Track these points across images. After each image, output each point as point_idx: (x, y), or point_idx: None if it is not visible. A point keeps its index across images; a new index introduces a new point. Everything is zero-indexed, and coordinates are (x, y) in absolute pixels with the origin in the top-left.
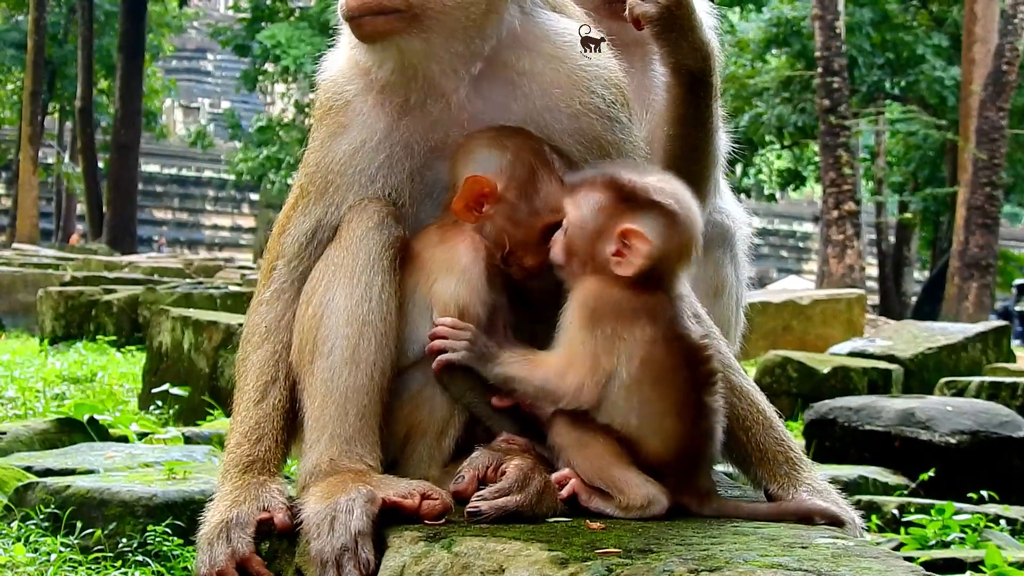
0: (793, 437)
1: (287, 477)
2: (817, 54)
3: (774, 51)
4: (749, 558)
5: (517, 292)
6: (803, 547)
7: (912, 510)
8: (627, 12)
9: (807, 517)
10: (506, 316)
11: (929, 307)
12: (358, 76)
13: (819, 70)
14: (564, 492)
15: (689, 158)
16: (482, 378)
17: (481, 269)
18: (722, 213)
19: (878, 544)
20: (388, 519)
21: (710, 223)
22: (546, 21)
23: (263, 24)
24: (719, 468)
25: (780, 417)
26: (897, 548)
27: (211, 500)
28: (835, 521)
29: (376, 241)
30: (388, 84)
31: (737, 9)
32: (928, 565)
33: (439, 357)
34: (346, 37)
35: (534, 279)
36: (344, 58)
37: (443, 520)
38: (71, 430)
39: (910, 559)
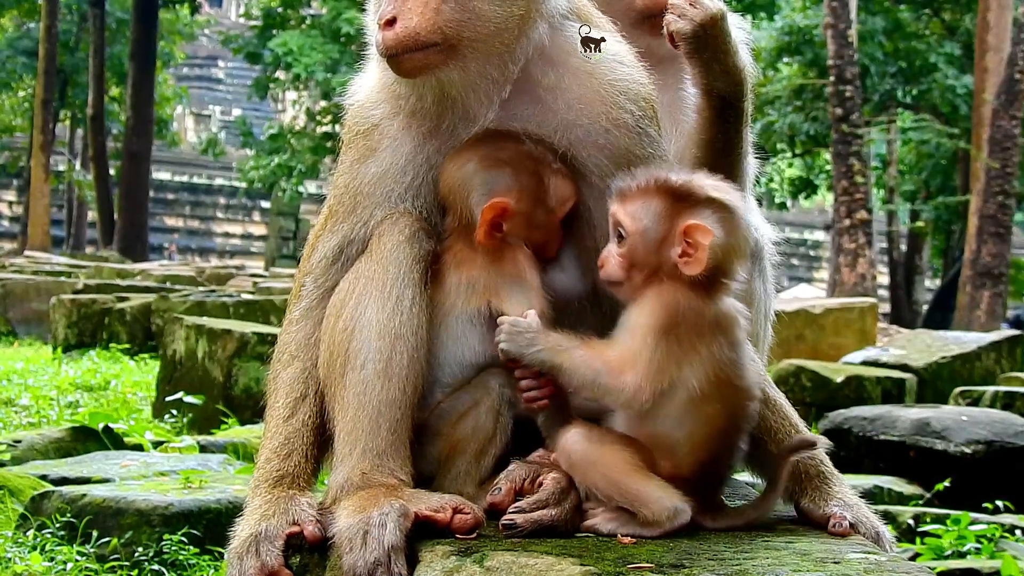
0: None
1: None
2: (829, 62)
3: (786, 59)
4: (782, 573)
5: None
6: (835, 562)
7: (928, 520)
8: (664, 27)
9: (787, 460)
10: None
11: (940, 316)
12: (386, 100)
13: (831, 78)
14: (585, 524)
15: None
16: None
17: (539, 276)
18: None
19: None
20: (420, 533)
21: None
22: (574, 34)
23: (274, 32)
24: (745, 479)
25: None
26: (913, 558)
27: (240, 515)
28: (808, 444)
29: (407, 254)
30: (420, 110)
31: (749, 18)
32: (945, 575)
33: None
34: (375, 61)
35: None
36: (373, 82)
37: (475, 534)
38: (86, 438)
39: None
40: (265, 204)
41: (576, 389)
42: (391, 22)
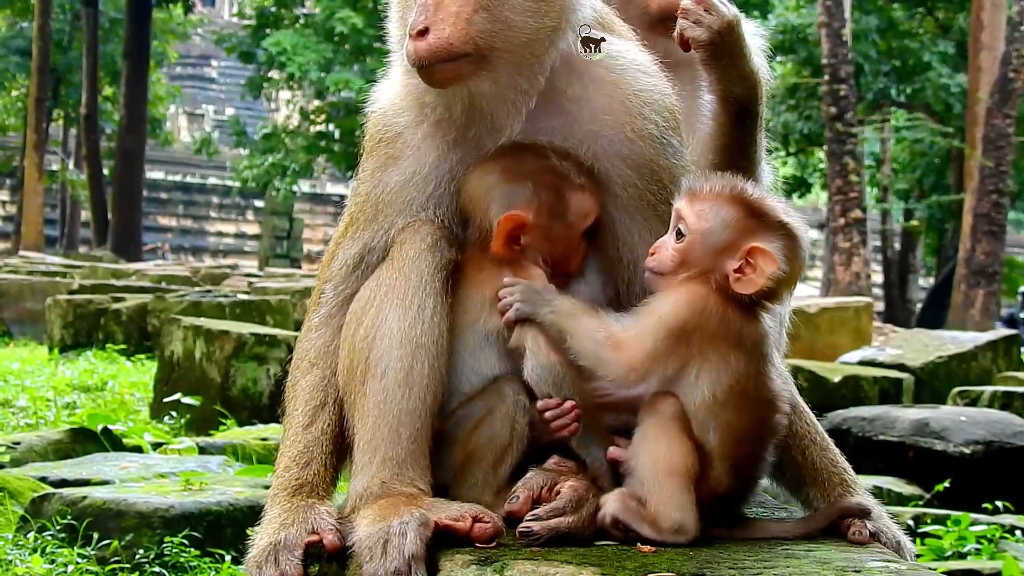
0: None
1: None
2: (823, 61)
3: (780, 58)
4: None
5: None
6: (856, 571)
7: (928, 521)
8: (676, 33)
9: (837, 518)
10: None
11: (934, 314)
12: (410, 108)
13: (825, 77)
14: (600, 513)
15: None
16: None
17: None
18: None
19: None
20: (439, 542)
21: None
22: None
23: (268, 31)
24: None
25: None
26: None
27: (258, 523)
28: (864, 513)
29: (429, 263)
30: (446, 120)
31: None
32: None
33: (505, 316)
34: (399, 68)
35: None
36: (396, 90)
37: (495, 543)
38: (85, 440)
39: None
40: (259, 203)
41: (575, 355)
42: (423, 32)
